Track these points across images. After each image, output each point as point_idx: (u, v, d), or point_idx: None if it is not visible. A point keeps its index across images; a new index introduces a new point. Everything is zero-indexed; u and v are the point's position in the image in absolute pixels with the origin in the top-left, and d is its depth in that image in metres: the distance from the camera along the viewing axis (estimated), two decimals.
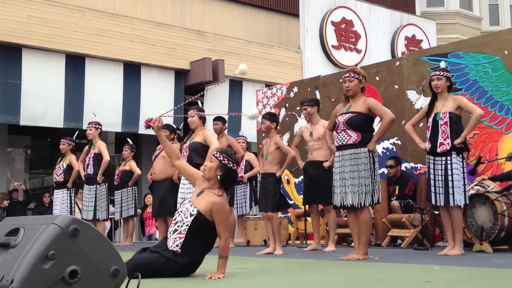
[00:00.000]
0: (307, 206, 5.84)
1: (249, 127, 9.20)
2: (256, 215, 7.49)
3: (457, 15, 15.12)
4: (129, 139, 8.10)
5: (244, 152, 6.72)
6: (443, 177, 4.37)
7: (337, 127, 4.44)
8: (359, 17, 12.46)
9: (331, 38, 12.03)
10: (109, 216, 9.53)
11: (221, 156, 3.47)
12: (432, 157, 4.47)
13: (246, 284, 3.10)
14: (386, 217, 5.88)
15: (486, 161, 5.37)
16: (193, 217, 3.37)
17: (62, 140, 7.45)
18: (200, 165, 5.07)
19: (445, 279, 3.06)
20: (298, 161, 5.66)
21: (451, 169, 4.34)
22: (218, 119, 6.53)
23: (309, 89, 7.61)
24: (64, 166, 7.32)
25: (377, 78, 6.69)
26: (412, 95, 6.32)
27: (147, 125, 3.85)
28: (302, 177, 6.79)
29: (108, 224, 8.93)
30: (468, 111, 4.50)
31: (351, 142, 4.32)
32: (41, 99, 8.65)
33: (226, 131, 6.69)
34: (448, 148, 4.37)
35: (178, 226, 3.40)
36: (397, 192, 6.11)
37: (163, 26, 10.03)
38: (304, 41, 11.77)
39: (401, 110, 6.34)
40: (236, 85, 10.71)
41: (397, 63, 6.68)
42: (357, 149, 4.29)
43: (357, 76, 4.42)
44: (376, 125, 4.62)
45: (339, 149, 4.41)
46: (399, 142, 6.42)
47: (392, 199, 6.09)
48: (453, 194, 4.32)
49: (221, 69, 9.92)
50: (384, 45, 12.79)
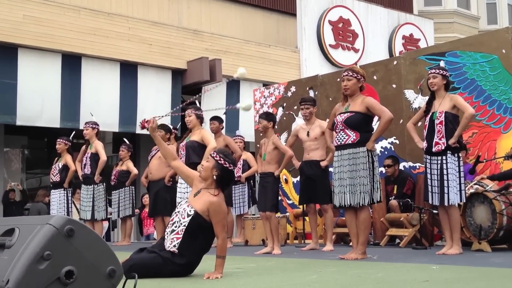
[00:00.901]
0: (304, 206, 5.82)
1: (247, 126, 9.19)
2: (254, 215, 7.48)
3: (454, 14, 15.15)
4: (125, 139, 8.07)
5: (241, 152, 6.70)
6: (438, 176, 4.37)
7: (335, 126, 4.43)
8: (357, 16, 12.47)
9: (329, 37, 12.02)
10: (107, 216, 9.52)
11: (217, 156, 3.46)
12: (428, 157, 4.47)
13: (243, 284, 3.08)
14: (384, 216, 5.88)
15: (484, 160, 5.36)
16: (190, 217, 3.36)
17: (58, 140, 7.42)
18: (197, 164, 5.06)
19: (443, 278, 3.05)
20: (293, 161, 5.65)
21: (446, 168, 4.34)
22: (214, 118, 6.51)
23: (307, 89, 7.59)
24: (60, 166, 7.29)
25: (374, 77, 6.68)
26: (410, 94, 6.32)
27: (142, 126, 3.84)
28: (299, 177, 6.78)
29: (106, 224, 8.91)
30: (461, 110, 4.50)
31: (350, 142, 4.30)
32: (37, 98, 8.61)
33: (223, 131, 6.67)
34: (443, 147, 4.36)
35: (176, 227, 3.39)
36: (395, 192, 6.11)
37: (160, 25, 10.00)
38: (301, 40, 11.76)
39: (399, 109, 6.33)
40: (233, 84, 10.69)
41: (395, 62, 6.67)
42: (355, 148, 4.28)
43: (355, 75, 4.41)
44: (375, 124, 4.60)
45: (338, 149, 4.40)
46: (397, 142, 6.41)
47: (390, 198, 6.08)
48: (448, 193, 4.31)
49: (218, 69, 9.90)
50: (382, 44, 12.79)
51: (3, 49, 8.38)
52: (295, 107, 7.67)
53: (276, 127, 6.13)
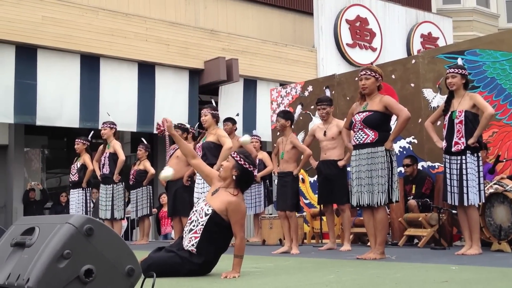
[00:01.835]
0: (322, 206, 5.80)
1: (264, 126, 9.18)
2: (271, 214, 7.47)
3: (474, 12, 14.93)
4: (143, 139, 8.14)
5: (257, 152, 6.70)
6: (458, 176, 4.32)
7: (354, 125, 4.39)
8: (374, 15, 12.37)
9: (346, 37, 11.95)
10: (126, 215, 9.61)
11: (238, 156, 3.47)
12: (448, 156, 4.42)
13: (261, 284, 3.08)
14: (402, 216, 5.82)
15: (504, 160, 5.28)
16: (208, 217, 3.36)
17: (76, 140, 7.51)
18: (213, 164, 5.07)
19: (462, 279, 3.02)
20: (311, 160, 5.63)
21: (466, 168, 4.29)
22: (228, 120, 6.52)
23: (324, 88, 7.56)
24: (78, 166, 7.39)
25: (393, 77, 6.63)
26: (428, 93, 6.25)
27: (160, 131, 3.85)
28: (316, 176, 6.75)
29: (124, 223, 8.99)
30: (481, 109, 4.43)
31: (369, 141, 4.27)
32: (56, 99, 8.73)
33: (240, 131, 6.67)
34: (463, 147, 4.31)
35: (194, 226, 3.39)
36: (413, 191, 6.05)
37: (177, 25, 10.05)
38: (318, 40, 11.71)
39: (417, 108, 6.27)
40: (250, 84, 10.70)
41: (413, 61, 6.60)
42: (374, 148, 4.25)
43: (373, 74, 4.37)
44: (393, 123, 4.56)
45: (356, 148, 4.37)
46: (415, 141, 6.35)
47: (408, 198, 6.03)
48: (467, 193, 4.26)
49: (235, 69, 9.92)
50: (400, 43, 12.67)
51: (23, 50, 8.51)
52: (312, 107, 7.64)
53: (293, 126, 6.12)
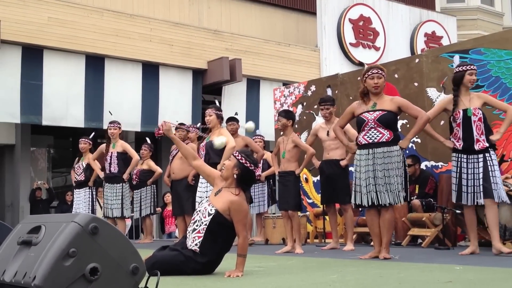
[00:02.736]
0: (324, 206, 5.81)
1: (267, 126, 9.20)
2: (274, 213, 7.48)
3: (478, 10, 14.89)
4: (147, 138, 8.16)
5: (263, 151, 6.71)
6: (482, 174, 4.25)
7: (365, 125, 4.27)
8: (378, 14, 12.35)
9: (349, 36, 11.94)
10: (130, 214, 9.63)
11: (239, 155, 3.48)
12: (465, 155, 4.34)
13: (264, 283, 3.09)
14: (406, 216, 5.82)
15: (509, 160, 5.27)
16: (211, 217, 3.38)
17: (81, 140, 7.51)
18: (217, 164, 5.09)
19: (467, 279, 3.02)
20: (313, 160, 5.63)
21: (492, 165, 4.26)
22: (232, 119, 6.53)
23: (326, 87, 7.57)
24: (84, 165, 7.42)
25: (396, 76, 6.62)
26: (432, 92, 6.24)
27: (157, 134, 3.89)
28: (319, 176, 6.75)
29: (129, 222, 9.02)
30: (500, 109, 4.41)
31: (384, 140, 4.19)
32: (62, 99, 8.78)
33: (243, 131, 6.67)
34: (486, 145, 4.29)
35: (197, 226, 3.41)
36: (417, 191, 6.04)
37: (181, 26, 10.08)
38: (321, 39, 11.71)
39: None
40: (253, 84, 10.72)
41: (417, 60, 6.60)
42: (390, 147, 4.18)
43: (384, 74, 4.34)
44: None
45: (368, 147, 4.24)
46: (418, 140, 6.34)
47: (412, 198, 6.02)
48: (498, 190, 4.22)
49: (238, 68, 9.93)
50: (403, 42, 12.65)
51: (29, 50, 8.56)
52: (315, 106, 7.64)
53: (296, 126, 6.14)
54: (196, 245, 3.36)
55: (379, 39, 12.34)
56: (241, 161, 3.45)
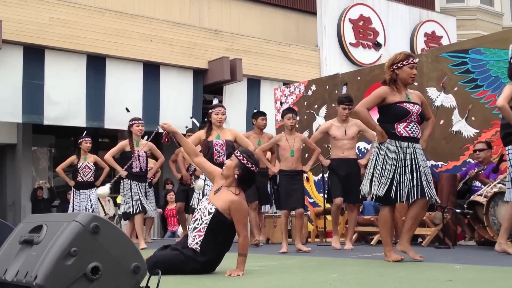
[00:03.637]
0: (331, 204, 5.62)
1: (268, 125, 9.18)
2: (276, 213, 7.49)
3: (477, 10, 14.89)
4: (147, 137, 8.12)
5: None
6: None
7: (408, 116, 3.93)
8: (377, 14, 12.36)
9: (349, 36, 11.95)
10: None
11: (241, 155, 3.48)
12: None
13: (265, 282, 3.10)
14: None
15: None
16: (211, 215, 3.39)
17: (84, 139, 7.30)
18: None
19: (467, 278, 3.02)
20: (321, 158, 5.50)
21: None
22: (263, 114, 6.65)
23: (327, 87, 7.57)
24: (91, 166, 7.26)
25: None
26: (432, 92, 6.24)
27: (165, 141, 3.89)
28: (321, 175, 6.75)
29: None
30: None
31: (419, 136, 4.01)
32: (63, 99, 8.81)
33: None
34: None
35: (198, 224, 3.43)
36: None
37: (181, 26, 10.10)
38: (321, 39, 11.72)
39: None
40: (254, 83, 10.73)
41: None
42: (419, 144, 4.00)
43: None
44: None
45: (409, 140, 3.92)
46: None
47: None
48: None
49: (238, 68, 9.96)
50: (403, 42, 12.65)
51: (30, 50, 8.59)
52: (316, 106, 7.66)
53: (297, 126, 6.11)
54: (197, 243, 3.38)
55: (379, 39, 12.35)
56: (242, 161, 3.45)
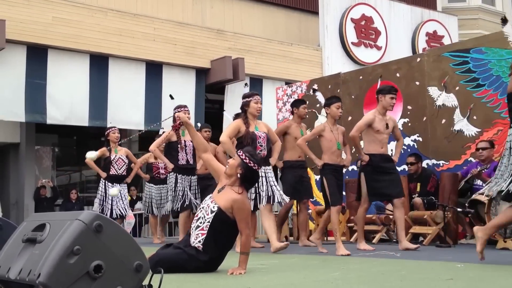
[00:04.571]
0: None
1: (270, 124, 9.19)
2: (277, 211, 7.50)
3: (479, 10, 14.86)
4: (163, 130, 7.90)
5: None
6: None
7: None
8: (379, 14, 12.36)
9: (351, 35, 11.95)
10: (137, 212, 9.61)
11: (243, 154, 3.49)
12: None
13: (267, 280, 3.12)
14: (407, 214, 5.84)
15: None
16: (214, 214, 3.40)
17: (112, 129, 6.85)
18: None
19: (468, 276, 3.03)
20: (315, 159, 5.12)
21: None
22: (304, 102, 6.29)
23: (329, 86, 7.59)
24: (124, 159, 6.75)
25: (397, 75, 6.64)
26: (433, 91, 6.26)
27: (175, 126, 3.87)
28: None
29: (132, 220, 9.04)
30: None
31: None
32: (66, 98, 8.84)
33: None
34: None
35: (200, 223, 3.44)
36: (418, 189, 6.07)
37: (184, 25, 10.11)
38: (323, 39, 11.73)
39: (422, 106, 6.29)
40: (256, 83, 10.74)
41: (418, 59, 6.62)
42: None
43: None
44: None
45: None
46: (420, 139, 6.37)
47: (413, 196, 6.04)
48: None
49: (241, 68, 9.97)
50: (405, 41, 12.65)
51: (33, 50, 8.61)
52: (318, 105, 7.68)
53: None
54: (200, 242, 3.39)
55: (381, 38, 12.35)
56: (245, 160, 3.46)
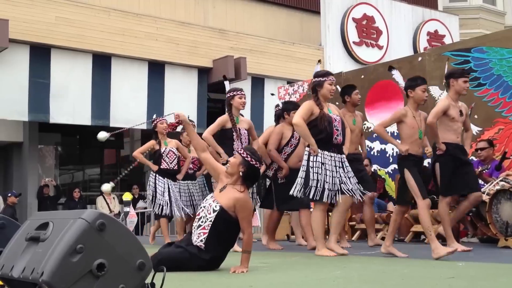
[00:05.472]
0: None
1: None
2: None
3: (480, 9, 14.84)
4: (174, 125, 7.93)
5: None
6: None
7: None
8: (381, 13, 12.36)
9: (352, 35, 11.96)
10: (139, 211, 9.60)
11: (244, 153, 3.50)
12: None
13: (269, 279, 3.13)
14: (409, 213, 5.84)
15: (511, 157, 5.29)
16: (216, 213, 3.41)
17: (160, 119, 6.04)
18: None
19: (469, 275, 3.04)
20: (398, 145, 4.37)
21: None
22: (355, 87, 5.87)
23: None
24: (176, 151, 5.96)
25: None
26: (434, 90, 6.26)
27: (172, 125, 3.88)
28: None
29: (135, 218, 9.06)
30: None
31: None
32: (69, 97, 8.88)
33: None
34: None
35: (202, 222, 3.45)
36: None
37: (186, 25, 10.14)
38: (325, 38, 11.74)
39: (423, 106, 6.27)
40: (258, 82, 10.76)
41: (419, 58, 6.62)
42: None
43: None
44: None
45: None
46: None
47: None
48: None
49: (243, 67, 9.99)
50: (406, 41, 12.66)
51: (36, 49, 8.65)
52: None
53: None
54: (202, 241, 3.40)
55: (382, 38, 12.36)
56: (246, 158, 3.46)
